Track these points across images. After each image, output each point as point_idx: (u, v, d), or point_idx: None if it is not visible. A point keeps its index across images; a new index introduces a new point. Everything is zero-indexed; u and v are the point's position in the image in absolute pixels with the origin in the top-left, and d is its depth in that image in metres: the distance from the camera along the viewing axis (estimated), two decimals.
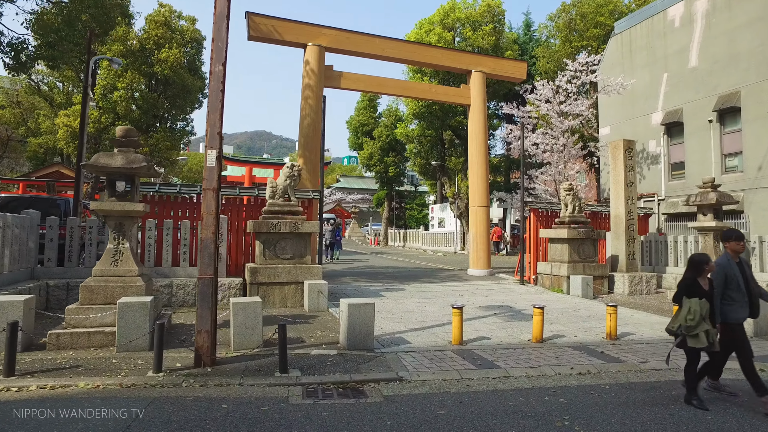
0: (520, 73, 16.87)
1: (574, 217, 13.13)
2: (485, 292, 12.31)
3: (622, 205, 13.45)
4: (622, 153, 13.50)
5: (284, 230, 9.95)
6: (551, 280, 13.20)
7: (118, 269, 6.90)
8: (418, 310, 9.70)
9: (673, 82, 16.81)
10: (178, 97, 21.96)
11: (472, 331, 7.90)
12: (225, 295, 9.96)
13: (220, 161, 6.10)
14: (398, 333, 7.71)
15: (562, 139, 16.89)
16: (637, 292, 12.88)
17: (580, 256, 13.02)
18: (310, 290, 9.49)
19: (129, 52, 19.68)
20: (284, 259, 10.09)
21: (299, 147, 14.09)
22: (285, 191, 10.43)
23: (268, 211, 10.21)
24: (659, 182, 17.24)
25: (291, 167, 10.41)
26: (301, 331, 7.68)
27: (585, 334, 7.91)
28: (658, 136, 17.23)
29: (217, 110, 6.13)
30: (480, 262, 16.04)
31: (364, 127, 36.64)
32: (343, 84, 14.65)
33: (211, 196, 6.01)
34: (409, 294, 11.69)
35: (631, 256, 13.42)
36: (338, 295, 11.12)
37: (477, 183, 16.16)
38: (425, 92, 15.95)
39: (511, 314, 9.45)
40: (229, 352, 6.39)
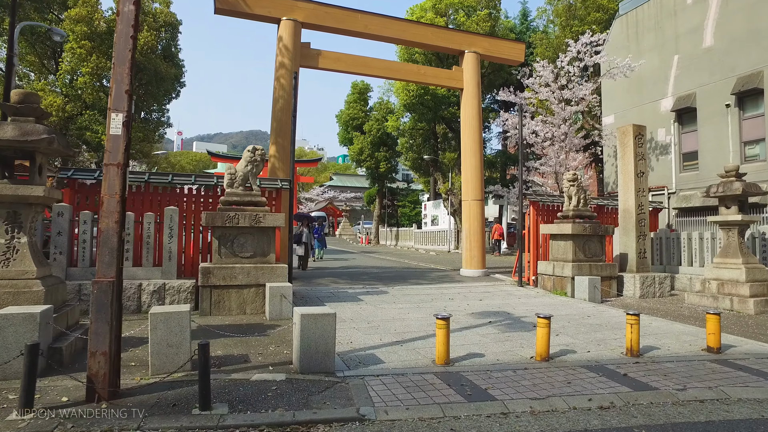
0: (517, 54, 15.44)
1: (579, 211, 11.73)
2: (479, 296, 10.88)
3: (631, 198, 12.05)
4: (632, 140, 12.11)
5: (243, 224, 8.48)
6: (553, 282, 11.78)
7: (9, 270, 5.41)
8: (399, 317, 8.25)
9: (684, 65, 15.42)
10: (150, 85, 20.41)
11: (462, 345, 6.47)
12: (174, 299, 8.49)
13: (128, 128, 4.62)
14: (371, 348, 6.26)
15: (564, 126, 15.47)
16: (649, 294, 11.49)
17: (586, 255, 11.61)
18: (272, 294, 8.03)
19: (95, 34, 18.12)
20: (243, 258, 8.62)
21: (271, 132, 12.61)
22: (246, 179, 8.96)
23: (226, 202, 8.74)
24: (669, 174, 15.86)
25: (252, 151, 8.93)
26: (250, 346, 6.21)
27: (599, 348, 6.49)
28: (667, 123, 15.85)
29: (126, 62, 4.66)
30: (474, 262, 14.61)
31: (354, 121, 35.15)
32: (322, 64, 13.19)
33: (114, 173, 4.54)
34: (392, 298, 10.25)
35: (642, 255, 12.03)
36: (309, 300, 9.67)
37: (471, 174, 14.73)
38: (414, 74, 14.50)
39: (509, 323, 8.02)
40: (146, 377, 4.92)
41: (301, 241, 15.48)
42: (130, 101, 4.65)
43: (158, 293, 8.37)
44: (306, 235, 15.76)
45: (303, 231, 15.85)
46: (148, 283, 8.34)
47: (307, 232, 16.03)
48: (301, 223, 16.57)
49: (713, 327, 6.32)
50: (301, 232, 15.72)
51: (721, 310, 9.27)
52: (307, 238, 15.73)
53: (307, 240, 15.73)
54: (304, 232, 15.82)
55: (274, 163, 12.38)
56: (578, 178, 11.88)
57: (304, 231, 15.88)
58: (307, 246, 15.87)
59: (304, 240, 15.60)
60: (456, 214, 26.97)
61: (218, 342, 6.26)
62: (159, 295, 8.39)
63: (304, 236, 15.65)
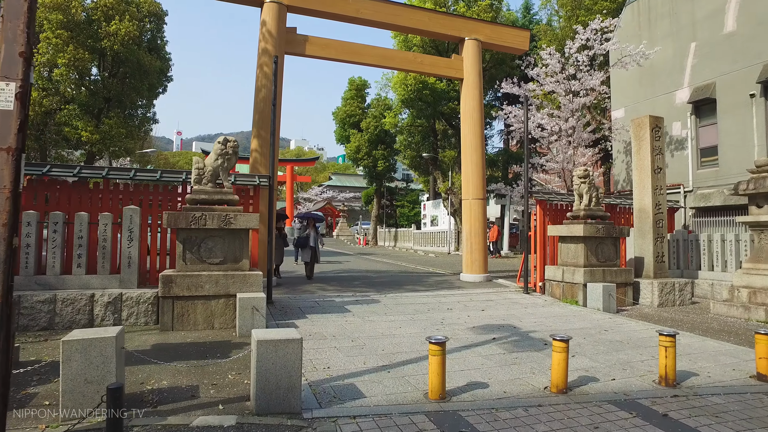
0: (521, 42, 14.37)
1: (591, 211, 10.65)
2: (481, 305, 9.80)
3: (648, 196, 10.97)
4: (649, 133, 11.03)
5: (211, 225, 7.41)
6: (563, 289, 10.69)
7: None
8: (389, 333, 7.17)
9: (703, 53, 14.30)
10: (132, 78, 19.34)
11: (461, 370, 5.40)
12: (133, 312, 7.43)
13: (23, 102, 3.55)
14: (352, 375, 5.19)
15: (572, 119, 14.36)
16: (669, 302, 10.40)
17: (599, 259, 10.53)
18: (242, 307, 6.95)
19: (72, 23, 17.06)
20: (212, 265, 7.55)
21: (253, 125, 11.55)
22: (216, 174, 7.89)
23: (192, 200, 7.67)
24: (685, 171, 14.75)
25: (223, 143, 7.86)
26: (205, 374, 5.14)
27: (625, 374, 5.41)
28: (683, 116, 14.74)
29: (20, 16, 3.60)
30: (475, 266, 13.53)
31: (351, 118, 34.07)
32: (309, 50, 12.12)
33: (4, 161, 3.47)
34: (384, 308, 9.16)
35: (659, 259, 10.95)
36: (290, 311, 8.60)
37: (471, 171, 13.64)
38: (410, 63, 13.42)
39: (516, 339, 6.93)
40: (53, 424, 3.84)
41: (308, 244, 13.35)
42: (28, 67, 3.58)
43: (113, 305, 7.31)
44: (313, 237, 13.42)
45: (309, 233, 13.49)
46: (102, 293, 7.27)
47: (314, 235, 13.50)
48: (307, 223, 14.12)
49: (765, 350, 5.23)
50: (307, 235, 13.47)
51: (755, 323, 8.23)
52: (314, 241, 13.40)
53: (314, 243, 13.37)
54: (311, 235, 13.45)
55: (256, 158, 11.33)
56: (590, 175, 10.80)
57: (311, 233, 13.47)
58: (315, 251, 13.44)
59: (311, 244, 13.33)
60: (456, 214, 25.90)
61: (167, 369, 5.19)
62: (115, 308, 7.32)
63: (311, 239, 13.37)
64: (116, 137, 19.05)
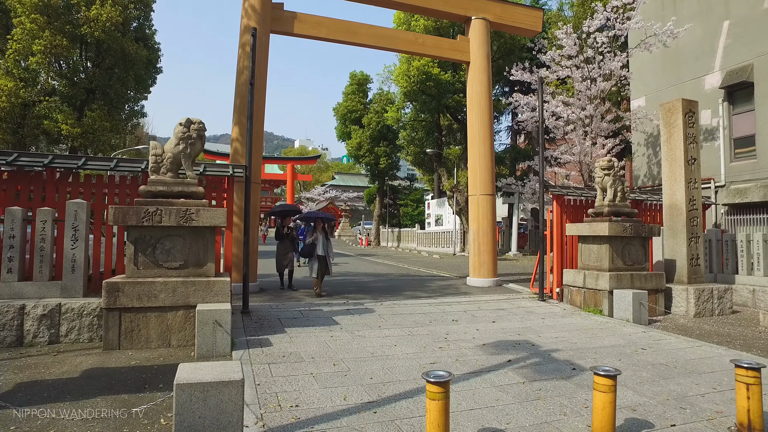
0: (533, 23, 13.06)
1: (617, 207, 9.33)
2: (491, 315, 8.49)
3: (681, 190, 9.65)
4: (681, 118, 9.70)
5: (168, 222, 6.16)
6: (584, 296, 9.37)
7: None
8: (381, 353, 5.89)
9: (737, 32, 12.89)
10: (116, 67, 18.17)
11: (470, 409, 4.13)
12: (74, 326, 6.20)
13: None
14: (325, 419, 3.91)
15: (589, 107, 13.01)
16: (706, 312, 9.07)
17: (625, 262, 9.21)
18: (202, 321, 5.69)
19: (48, 7, 15.89)
20: (170, 270, 6.30)
21: (234, 111, 10.33)
22: (177, 162, 6.64)
23: (148, 193, 6.43)
24: (717, 163, 13.36)
25: (186, 124, 6.61)
26: (126, 422, 3.86)
27: (686, 416, 4.11)
28: (714, 104, 13.34)
29: None
30: (483, 269, 12.22)
31: (352, 114, 32.81)
32: (298, 29, 10.87)
33: None
34: (378, 319, 7.88)
35: (694, 262, 9.63)
36: (267, 323, 7.34)
37: (479, 164, 12.34)
38: (410, 44, 12.14)
39: (536, 362, 5.63)
40: None
41: (315, 253, 10.09)
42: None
43: (49, 319, 6.08)
44: (322, 244, 10.10)
45: (318, 238, 10.13)
46: (35, 304, 6.04)
47: (324, 240, 10.15)
48: (313, 225, 10.50)
49: None
50: (314, 240, 10.14)
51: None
52: (324, 248, 10.10)
53: (324, 252, 10.08)
54: (320, 241, 10.08)
55: (237, 148, 10.10)
56: (614, 166, 9.48)
57: (319, 238, 10.11)
58: (326, 261, 10.15)
59: (320, 252, 10.03)
60: (462, 213, 24.59)
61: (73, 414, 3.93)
62: (51, 322, 6.09)
63: (320, 247, 10.04)
64: (99, 131, 17.88)
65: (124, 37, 17.89)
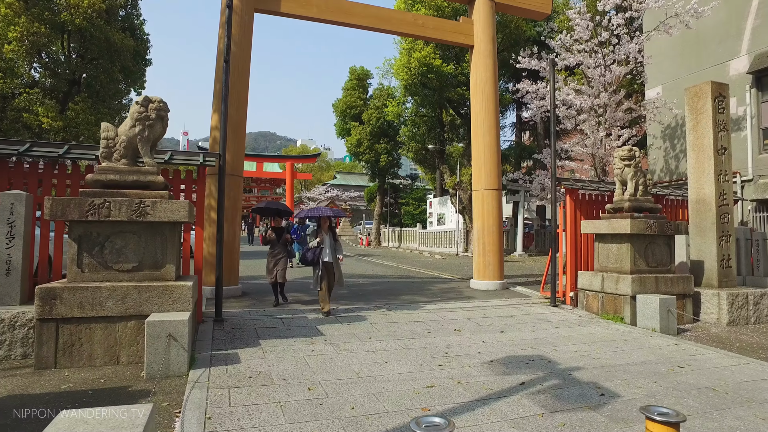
0: (543, 4, 12.07)
1: (638, 202, 8.34)
2: (499, 324, 7.50)
3: (709, 184, 8.65)
4: (710, 103, 8.71)
5: (118, 216, 5.21)
6: (602, 301, 8.37)
7: None
8: (369, 373, 4.91)
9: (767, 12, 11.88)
10: (101, 58, 17.25)
11: None
12: (5, 340, 5.25)
13: None
14: None
15: (604, 95, 11.99)
16: (741, 320, 8.07)
17: (649, 263, 8.21)
18: (152, 334, 4.73)
19: None
20: (121, 272, 5.34)
21: (214, 97, 9.39)
22: (132, 148, 5.68)
23: (96, 182, 5.46)
24: (743, 156, 12.33)
25: (144, 103, 5.65)
26: None
27: None
28: (740, 91, 12.32)
29: None
30: (489, 271, 11.23)
31: (351, 110, 31.82)
32: (285, 7, 9.91)
33: None
34: (370, 329, 6.90)
35: (725, 263, 8.63)
36: (241, 333, 6.37)
37: (484, 156, 11.35)
38: (409, 25, 11.17)
39: (555, 384, 4.65)
40: None
41: (320, 261, 7.75)
42: None
43: None
44: (331, 248, 7.92)
45: (324, 240, 7.87)
46: None
47: (331, 242, 7.95)
48: (317, 225, 8.35)
49: None
50: (320, 244, 7.84)
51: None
52: (332, 254, 7.92)
53: (331, 258, 7.88)
54: (327, 243, 7.87)
55: (216, 137, 9.15)
56: (636, 156, 8.48)
57: (326, 240, 7.87)
58: (333, 268, 7.94)
59: (328, 259, 7.82)
60: (465, 211, 23.59)
61: None
62: None
63: (327, 252, 7.84)
64: (83, 125, 16.94)
65: (109, 26, 16.98)
